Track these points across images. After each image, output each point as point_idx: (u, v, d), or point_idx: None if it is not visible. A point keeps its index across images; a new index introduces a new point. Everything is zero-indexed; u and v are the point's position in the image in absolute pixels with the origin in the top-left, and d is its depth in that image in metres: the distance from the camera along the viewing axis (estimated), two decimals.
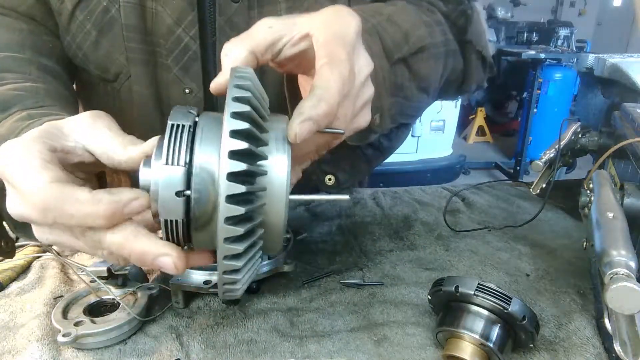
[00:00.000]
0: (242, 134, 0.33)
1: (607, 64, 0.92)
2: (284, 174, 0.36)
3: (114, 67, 0.66)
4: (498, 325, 0.51)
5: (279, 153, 0.37)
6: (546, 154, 0.87)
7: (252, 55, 0.42)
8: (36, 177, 0.36)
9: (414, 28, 0.59)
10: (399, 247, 0.80)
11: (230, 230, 0.33)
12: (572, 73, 4.40)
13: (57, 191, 0.35)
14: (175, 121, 0.37)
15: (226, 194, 0.32)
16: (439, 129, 3.86)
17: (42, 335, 0.56)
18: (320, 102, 0.37)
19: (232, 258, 0.34)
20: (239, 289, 0.37)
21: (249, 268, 0.37)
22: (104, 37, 0.64)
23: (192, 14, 0.61)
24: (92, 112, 0.44)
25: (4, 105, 0.50)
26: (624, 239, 0.45)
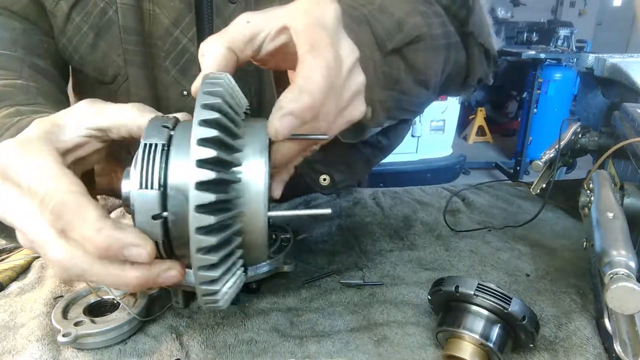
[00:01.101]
0: (211, 142, 0.32)
1: (607, 64, 0.93)
2: (262, 181, 0.35)
3: (111, 69, 0.66)
4: (498, 325, 0.51)
5: (255, 158, 0.35)
6: (546, 154, 0.87)
7: (231, 52, 0.40)
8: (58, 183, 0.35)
9: (408, 16, 0.56)
10: (399, 247, 0.80)
11: (203, 241, 0.32)
12: (572, 73, 4.40)
13: (77, 200, 0.35)
14: (148, 140, 0.36)
15: (195, 204, 0.31)
16: (439, 129, 3.86)
17: (42, 335, 0.56)
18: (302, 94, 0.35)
19: (207, 269, 0.33)
20: (219, 299, 0.36)
21: (227, 278, 0.36)
22: (101, 39, 0.63)
23: (189, 16, 0.61)
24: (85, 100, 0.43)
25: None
26: (624, 239, 0.45)
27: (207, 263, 0.33)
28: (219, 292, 0.35)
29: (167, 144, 0.36)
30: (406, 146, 3.76)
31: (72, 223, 0.34)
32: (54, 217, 0.35)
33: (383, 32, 0.54)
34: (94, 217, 0.34)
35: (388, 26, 0.54)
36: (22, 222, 0.37)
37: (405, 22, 0.56)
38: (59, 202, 0.34)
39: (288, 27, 0.40)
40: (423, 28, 0.58)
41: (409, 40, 0.56)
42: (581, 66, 1.02)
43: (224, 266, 0.35)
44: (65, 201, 0.34)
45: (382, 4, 0.56)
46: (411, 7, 0.58)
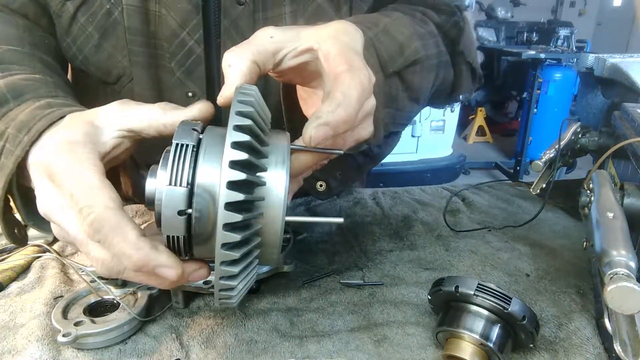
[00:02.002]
0: (244, 146, 0.35)
1: (607, 64, 0.92)
2: (282, 187, 0.38)
3: (115, 69, 0.66)
4: (498, 325, 0.51)
5: (277, 167, 0.38)
6: (546, 154, 0.87)
7: (255, 65, 0.43)
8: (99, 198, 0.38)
9: (409, 41, 0.60)
10: (399, 247, 0.80)
11: (228, 237, 0.34)
12: (572, 73, 4.40)
13: (115, 220, 0.37)
14: (179, 140, 0.38)
15: (225, 201, 0.34)
16: (439, 129, 3.86)
17: (42, 335, 0.56)
18: (340, 108, 0.38)
19: (229, 264, 0.36)
20: (234, 295, 0.38)
21: (245, 275, 0.38)
22: (106, 40, 0.63)
23: (197, 18, 0.61)
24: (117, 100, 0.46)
25: (16, 92, 0.50)
26: (624, 239, 0.45)
27: (230, 259, 0.35)
28: (235, 287, 0.37)
29: (197, 145, 0.38)
30: (406, 146, 3.76)
31: (111, 239, 0.37)
32: (92, 231, 0.37)
33: (387, 56, 0.57)
34: (134, 236, 0.37)
35: (391, 50, 0.58)
36: (62, 222, 0.40)
37: (406, 47, 0.59)
38: (98, 218, 0.37)
39: (314, 49, 0.43)
40: (421, 51, 0.61)
41: (408, 63, 0.59)
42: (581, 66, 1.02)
43: (243, 263, 0.37)
44: (104, 217, 0.37)
45: (386, 27, 0.59)
46: (411, 31, 0.62)
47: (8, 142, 0.45)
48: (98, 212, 0.37)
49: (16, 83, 0.51)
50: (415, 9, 0.69)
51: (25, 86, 0.51)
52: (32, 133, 0.44)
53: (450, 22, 0.70)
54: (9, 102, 0.49)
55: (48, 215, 0.41)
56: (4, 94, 0.50)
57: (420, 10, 0.69)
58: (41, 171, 0.41)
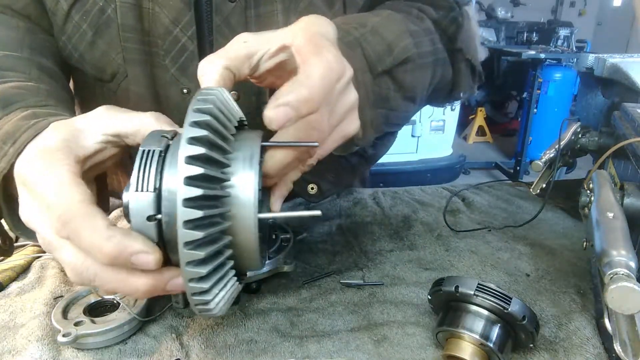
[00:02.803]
0: (199, 159, 0.33)
1: (607, 64, 0.92)
2: (251, 193, 0.36)
3: (110, 67, 0.66)
4: (498, 325, 0.51)
5: (245, 171, 0.37)
6: (546, 154, 0.87)
7: (228, 71, 0.42)
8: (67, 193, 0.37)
9: (398, 39, 0.59)
10: (399, 247, 0.80)
11: (191, 255, 0.33)
12: (572, 73, 4.39)
13: (83, 211, 0.36)
14: (146, 147, 0.37)
15: (182, 220, 0.33)
16: (439, 129, 3.86)
17: (42, 335, 0.56)
18: (300, 87, 0.36)
19: (197, 281, 0.35)
20: (212, 308, 0.37)
21: (219, 289, 0.37)
22: (100, 38, 0.63)
23: (189, 14, 0.61)
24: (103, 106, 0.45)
25: (5, 102, 0.49)
26: (624, 239, 0.45)
27: (197, 276, 0.34)
28: (211, 301, 0.36)
29: (164, 151, 0.38)
30: (406, 146, 3.76)
31: (80, 231, 0.35)
32: (60, 225, 0.36)
33: (374, 55, 0.56)
34: (103, 226, 0.35)
35: (379, 49, 0.57)
36: (37, 227, 0.39)
37: (395, 45, 0.58)
38: (66, 211, 0.36)
39: (288, 46, 0.42)
40: (412, 49, 0.60)
41: (398, 62, 0.58)
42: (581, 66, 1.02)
43: (214, 277, 0.36)
44: (72, 210, 0.36)
45: (374, 27, 0.58)
46: (402, 29, 0.60)
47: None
48: (66, 206, 0.36)
49: (6, 91, 0.51)
50: (412, 5, 0.68)
51: (15, 94, 0.51)
52: (17, 145, 0.43)
53: (448, 18, 0.68)
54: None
55: (27, 222, 0.40)
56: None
57: (417, 7, 0.68)
58: (18, 180, 0.41)
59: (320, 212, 0.39)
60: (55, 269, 0.70)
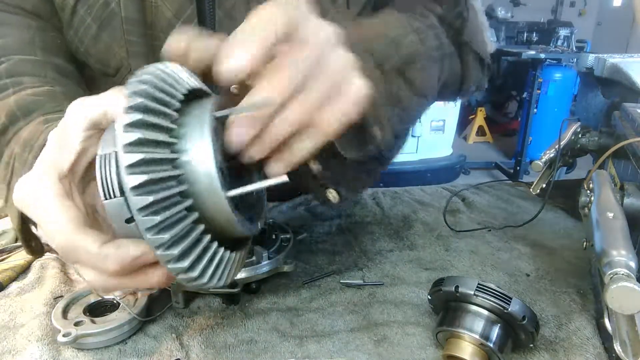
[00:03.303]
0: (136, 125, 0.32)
1: (607, 64, 0.92)
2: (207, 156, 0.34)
3: (114, 61, 0.66)
4: (498, 325, 0.51)
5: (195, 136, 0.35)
6: (546, 154, 0.87)
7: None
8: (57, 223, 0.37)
9: (402, 37, 0.58)
10: (399, 247, 0.80)
11: (147, 221, 0.32)
12: (572, 73, 4.39)
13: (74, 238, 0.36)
14: (101, 151, 0.36)
15: (129, 187, 0.32)
16: (439, 129, 3.86)
17: (42, 335, 0.56)
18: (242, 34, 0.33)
19: (165, 248, 0.33)
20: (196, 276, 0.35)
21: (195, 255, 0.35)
22: (104, 31, 0.64)
23: (191, 7, 0.62)
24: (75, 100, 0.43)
25: (25, 110, 0.51)
26: (624, 239, 0.45)
27: (161, 242, 0.33)
28: (192, 268, 0.35)
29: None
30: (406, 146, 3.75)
31: (78, 259, 0.37)
32: (63, 255, 0.37)
33: (381, 55, 0.55)
34: (95, 250, 0.36)
35: (384, 47, 0.56)
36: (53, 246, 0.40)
37: (401, 43, 0.57)
38: (59, 243, 0.37)
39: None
40: (417, 44, 0.59)
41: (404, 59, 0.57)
42: (581, 66, 1.02)
43: (184, 243, 0.34)
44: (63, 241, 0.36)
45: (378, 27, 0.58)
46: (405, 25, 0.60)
47: (16, 161, 0.47)
48: (60, 236, 0.37)
49: (25, 99, 0.52)
50: (416, 2, 0.68)
51: (33, 102, 0.52)
52: (34, 151, 0.44)
53: (454, 13, 0.68)
54: (19, 120, 0.50)
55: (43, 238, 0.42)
56: (14, 112, 0.51)
57: (421, 3, 0.67)
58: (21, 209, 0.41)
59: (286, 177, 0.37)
60: (55, 269, 0.70)
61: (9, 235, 0.79)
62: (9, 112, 0.51)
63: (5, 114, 0.51)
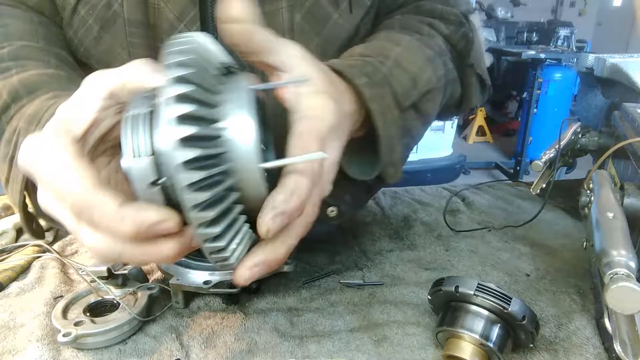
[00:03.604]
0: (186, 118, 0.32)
1: (607, 64, 0.92)
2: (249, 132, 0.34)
3: (115, 62, 0.66)
4: (498, 325, 0.51)
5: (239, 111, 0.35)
6: (546, 154, 0.87)
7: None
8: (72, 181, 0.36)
9: (421, 71, 0.60)
10: (399, 247, 0.80)
11: (194, 198, 0.32)
12: (572, 73, 4.39)
13: (91, 198, 0.35)
14: (132, 111, 0.35)
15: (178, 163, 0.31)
16: (439, 129, 3.86)
17: (42, 335, 0.56)
18: (293, 197, 0.37)
19: (207, 226, 0.33)
20: (228, 256, 0.35)
21: (232, 234, 0.35)
22: (106, 32, 0.64)
23: (194, 10, 0.62)
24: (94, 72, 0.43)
25: (29, 88, 0.50)
26: (624, 239, 0.45)
27: (205, 220, 0.33)
28: (226, 248, 0.35)
29: (151, 111, 0.35)
30: None
31: (93, 217, 0.35)
32: (75, 214, 0.36)
33: (401, 92, 0.57)
34: (114, 209, 0.34)
35: (405, 84, 0.57)
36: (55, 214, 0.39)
37: (419, 79, 0.59)
38: (75, 200, 0.35)
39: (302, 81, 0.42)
40: (433, 80, 0.61)
41: (422, 94, 0.60)
42: (581, 66, 1.02)
43: (225, 222, 0.34)
44: (81, 199, 0.35)
45: (397, 59, 0.58)
46: (422, 59, 0.61)
47: (20, 136, 0.46)
48: (74, 196, 0.35)
49: (29, 79, 0.52)
50: (422, 21, 0.68)
51: (38, 82, 0.52)
52: (41, 124, 0.44)
53: (459, 34, 0.69)
54: (22, 98, 0.50)
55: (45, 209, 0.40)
56: (17, 90, 0.50)
57: (427, 22, 0.68)
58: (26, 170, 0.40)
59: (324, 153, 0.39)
60: (55, 269, 0.70)
61: (9, 235, 0.79)
62: (12, 90, 0.50)
63: (8, 92, 0.50)
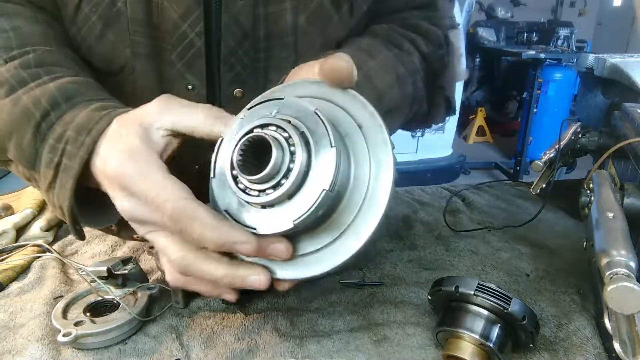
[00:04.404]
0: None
1: (607, 64, 0.92)
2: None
3: (118, 60, 0.66)
4: (498, 325, 0.51)
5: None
6: (546, 154, 0.87)
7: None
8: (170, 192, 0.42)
9: (389, 89, 0.62)
10: (399, 247, 0.80)
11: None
12: (572, 73, 4.39)
13: (189, 207, 0.41)
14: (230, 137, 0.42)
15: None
16: (439, 129, 3.85)
17: (42, 335, 0.56)
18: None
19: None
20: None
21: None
22: (109, 30, 0.64)
23: (198, 10, 0.62)
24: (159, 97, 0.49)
25: (67, 95, 0.52)
26: (624, 239, 0.45)
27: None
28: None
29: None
30: (406, 146, 3.76)
31: (190, 225, 0.40)
32: (172, 222, 0.41)
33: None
34: (211, 218, 0.40)
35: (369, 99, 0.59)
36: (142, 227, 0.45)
37: (385, 95, 0.62)
38: (176, 209, 0.41)
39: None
40: (398, 99, 0.64)
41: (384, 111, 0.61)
42: (581, 66, 1.02)
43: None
44: (181, 207, 0.41)
45: (368, 73, 0.61)
46: (392, 78, 0.64)
47: (69, 144, 0.48)
48: (174, 204, 0.41)
49: (65, 86, 0.53)
50: (405, 35, 0.71)
51: (74, 89, 0.53)
52: (92, 134, 0.46)
53: (437, 55, 0.72)
54: (61, 105, 0.51)
55: (133, 221, 0.45)
56: (55, 97, 0.52)
57: (409, 38, 0.70)
58: (113, 183, 0.45)
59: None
60: (55, 269, 0.70)
61: (9, 235, 0.79)
62: (50, 97, 0.51)
63: (47, 99, 0.51)
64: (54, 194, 0.49)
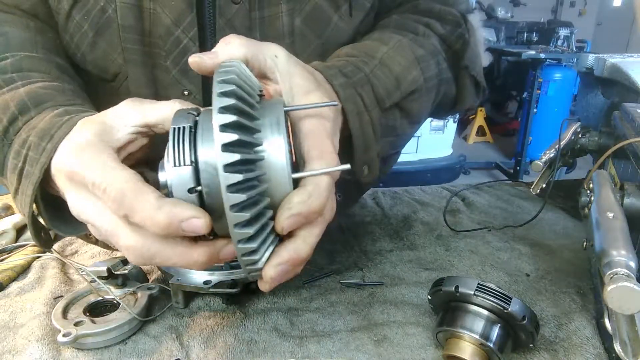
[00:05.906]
0: (232, 126, 0.35)
1: (607, 64, 0.92)
2: (283, 156, 0.38)
3: (112, 67, 0.66)
4: (498, 325, 0.51)
5: (274, 136, 0.39)
6: (546, 154, 0.87)
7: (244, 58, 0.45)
8: (116, 175, 0.40)
9: (406, 71, 0.60)
10: (399, 247, 0.80)
11: (238, 217, 0.35)
12: (572, 73, 4.39)
13: (133, 188, 0.39)
14: (176, 125, 0.40)
15: (226, 184, 0.35)
16: (439, 129, 3.86)
17: (42, 335, 0.56)
18: (311, 199, 0.39)
19: (246, 241, 0.37)
20: (260, 267, 0.39)
21: (265, 247, 0.39)
22: (101, 38, 0.63)
23: (190, 15, 0.61)
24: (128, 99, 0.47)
25: (36, 101, 0.51)
26: (624, 239, 0.45)
27: (245, 236, 0.36)
28: (259, 260, 0.39)
29: (194, 126, 0.40)
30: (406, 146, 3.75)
31: (133, 206, 0.38)
32: (116, 205, 0.39)
33: (383, 92, 0.57)
34: (153, 198, 0.38)
35: (388, 85, 0.58)
36: (93, 217, 0.42)
37: (403, 78, 0.60)
38: (119, 190, 0.39)
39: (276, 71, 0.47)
40: (420, 80, 0.62)
41: (405, 95, 0.60)
42: (581, 66, 1.02)
43: (261, 237, 0.38)
44: (124, 189, 0.39)
45: (383, 58, 0.59)
46: (410, 59, 0.62)
47: (31, 150, 0.47)
48: (118, 186, 0.39)
49: (36, 92, 0.52)
50: (419, 21, 0.68)
51: (44, 94, 0.52)
52: (54, 140, 0.45)
53: (455, 34, 0.69)
54: (29, 110, 0.51)
55: (80, 216, 0.43)
56: (25, 102, 0.51)
57: (423, 22, 0.68)
58: (62, 177, 0.43)
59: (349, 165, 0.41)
60: (55, 269, 0.70)
61: (9, 235, 0.79)
62: (19, 102, 0.51)
63: (15, 104, 0.51)
64: (18, 200, 0.48)
